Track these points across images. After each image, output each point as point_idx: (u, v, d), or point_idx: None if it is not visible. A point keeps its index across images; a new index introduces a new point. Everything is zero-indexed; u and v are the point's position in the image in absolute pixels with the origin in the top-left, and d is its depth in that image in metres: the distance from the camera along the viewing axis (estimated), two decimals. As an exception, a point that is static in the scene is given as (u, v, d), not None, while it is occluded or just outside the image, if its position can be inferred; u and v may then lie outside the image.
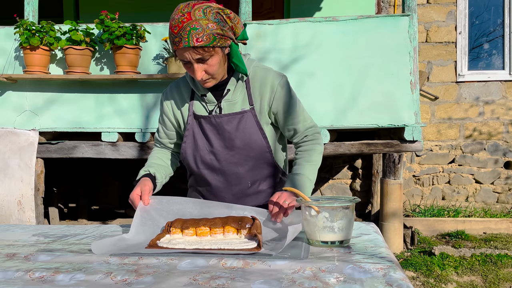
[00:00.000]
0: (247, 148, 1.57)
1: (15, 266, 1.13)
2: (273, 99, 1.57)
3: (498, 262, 3.79)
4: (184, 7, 1.39)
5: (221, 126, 1.56)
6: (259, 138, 1.57)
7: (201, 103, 1.59)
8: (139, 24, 3.85)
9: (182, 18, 1.36)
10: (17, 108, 4.10)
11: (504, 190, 5.56)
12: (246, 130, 1.56)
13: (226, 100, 1.56)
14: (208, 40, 1.37)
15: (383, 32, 3.86)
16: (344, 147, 3.99)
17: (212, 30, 1.37)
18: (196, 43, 1.36)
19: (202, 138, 1.60)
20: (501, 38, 5.56)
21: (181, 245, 1.23)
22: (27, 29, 3.77)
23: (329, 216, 1.22)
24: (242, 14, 3.95)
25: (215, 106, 1.57)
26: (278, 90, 1.56)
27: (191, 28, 1.35)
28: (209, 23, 1.36)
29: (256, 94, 1.57)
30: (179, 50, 1.40)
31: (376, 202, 5.19)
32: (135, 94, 4.04)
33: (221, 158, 1.59)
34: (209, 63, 1.42)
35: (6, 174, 4.03)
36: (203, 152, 1.60)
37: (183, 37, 1.36)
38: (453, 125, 5.59)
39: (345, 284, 0.95)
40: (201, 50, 1.38)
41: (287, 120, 1.60)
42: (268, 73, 1.58)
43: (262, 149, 1.58)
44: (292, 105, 1.59)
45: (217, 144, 1.58)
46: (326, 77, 3.90)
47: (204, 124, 1.58)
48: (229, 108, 1.57)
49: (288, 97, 1.58)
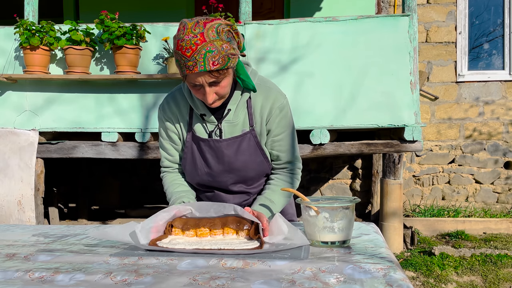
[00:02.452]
0: (246, 170, 1.54)
1: (15, 266, 1.13)
2: (268, 120, 1.51)
3: (498, 262, 3.79)
4: (194, 26, 1.27)
5: (221, 150, 1.51)
6: (259, 158, 1.54)
7: (201, 123, 1.52)
8: (139, 24, 3.85)
9: (194, 39, 1.25)
10: (17, 108, 4.09)
11: (504, 190, 5.56)
12: (246, 152, 1.51)
13: (227, 121, 1.49)
14: (224, 63, 1.29)
15: (383, 32, 3.86)
16: (344, 147, 3.99)
17: (227, 51, 1.28)
18: (213, 66, 1.27)
19: (200, 160, 1.55)
20: (501, 38, 5.56)
21: (181, 245, 1.23)
22: (27, 29, 3.77)
23: (329, 217, 1.22)
24: (242, 14, 3.95)
25: (215, 127, 1.50)
26: (275, 113, 1.50)
27: (207, 51, 1.25)
28: (223, 43, 1.28)
29: (257, 114, 1.50)
30: (193, 74, 1.30)
31: (376, 202, 5.19)
32: (135, 94, 4.04)
33: (220, 180, 1.56)
34: (221, 85, 1.35)
35: (6, 174, 4.03)
36: (201, 172, 1.56)
37: (198, 61, 1.26)
38: (453, 125, 5.59)
39: (345, 284, 0.95)
40: (216, 73, 1.29)
41: (274, 143, 1.54)
42: (271, 93, 1.50)
43: (263, 167, 1.56)
44: (284, 131, 1.53)
45: (216, 167, 1.54)
46: (326, 77, 3.90)
47: (203, 146, 1.53)
48: (229, 129, 1.50)
49: (283, 122, 1.52)
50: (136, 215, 5.27)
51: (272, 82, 1.58)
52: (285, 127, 1.53)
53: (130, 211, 5.46)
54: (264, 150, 1.54)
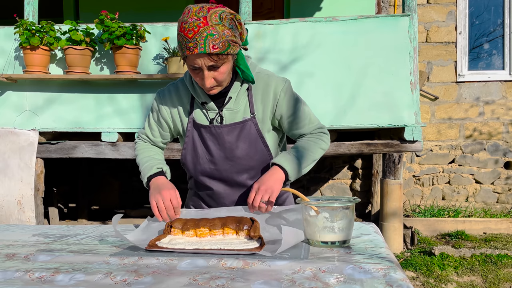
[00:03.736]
0: (247, 158, 1.54)
1: (15, 266, 1.12)
2: (276, 106, 1.53)
3: (498, 262, 3.79)
4: (198, 10, 1.32)
5: (222, 136, 1.52)
6: (260, 147, 1.55)
7: (202, 110, 1.54)
8: (139, 24, 3.85)
9: (197, 22, 1.30)
10: (17, 108, 4.09)
11: (504, 190, 5.55)
12: (247, 139, 1.53)
13: (227, 109, 1.52)
14: (224, 47, 1.32)
15: (383, 32, 3.86)
16: (344, 147, 3.99)
17: (228, 37, 1.32)
18: (213, 49, 1.30)
19: (202, 147, 1.56)
20: (501, 38, 5.56)
21: (181, 245, 1.23)
22: (27, 29, 3.77)
23: (329, 217, 1.22)
24: (242, 14, 3.95)
25: (216, 114, 1.52)
26: (281, 97, 1.52)
27: (208, 34, 1.29)
28: (225, 29, 1.32)
29: (258, 102, 1.53)
30: (192, 55, 1.33)
31: (376, 202, 5.19)
32: (135, 94, 4.04)
33: (221, 168, 1.56)
34: (220, 70, 1.38)
35: (6, 174, 4.03)
36: (202, 161, 1.57)
37: (198, 42, 1.30)
38: (453, 125, 5.59)
39: (345, 284, 0.95)
40: (215, 57, 1.33)
41: (292, 125, 1.57)
42: (271, 80, 1.53)
43: (264, 157, 1.56)
44: (296, 110, 1.55)
45: (217, 154, 1.55)
46: (326, 77, 3.90)
47: (204, 133, 1.54)
48: (230, 116, 1.52)
49: (291, 103, 1.54)
50: (136, 215, 5.27)
51: (272, 72, 1.60)
52: (295, 105, 1.55)
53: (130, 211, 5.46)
54: (265, 138, 1.55)
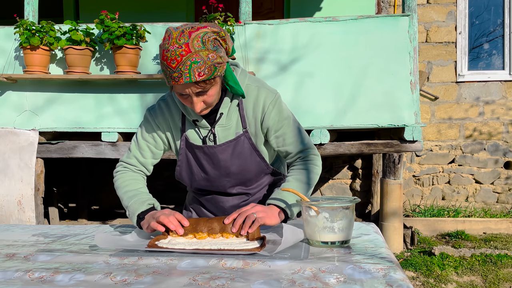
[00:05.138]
0: (243, 173, 1.53)
1: (15, 266, 1.12)
2: (263, 119, 1.47)
3: (498, 262, 3.79)
4: (178, 36, 1.24)
5: (216, 155, 1.49)
6: (256, 160, 1.52)
7: (194, 129, 1.49)
8: (139, 24, 3.85)
9: (179, 50, 1.23)
10: (17, 108, 4.09)
11: (504, 190, 5.55)
12: (241, 156, 1.49)
13: (220, 125, 1.47)
14: (210, 72, 1.27)
15: (383, 32, 3.86)
16: (344, 147, 3.99)
17: (213, 61, 1.26)
18: (199, 77, 1.25)
19: (196, 166, 1.53)
20: (501, 38, 5.56)
21: (180, 245, 1.23)
22: (27, 29, 3.77)
23: (329, 217, 1.22)
24: (242, 14, 3.95)
25: (209, 132, 1.48)
26: (269, 110, 1.46)
27: (192, 62, 1.23)
28: (209, 53, 1.25)
29: (250, 115, 1.47)
30: (179, 85, 1.28)
31: (376, 202, 5.19)
32: (135, 94, 4.04)
33: (217, 184, 1.55)
34: (209, 93, 1.33)
35: (6, 174, 4.03)
36: (198, 178, 1.55)
37: (183, 72, 1.24)
38: (453, 125, 5.59)
39: (345, 284, 0.95)
40: (202, 83, 1.28)
41: (279, 141, 1.50)
42: (261, 92, 1.47)
43: (260, 168, 1.54)
44: (284, 126, 1.48)
45: (212, 172, 1.52)
46: (326, 77, 3.90)
47: (198, 153, 1.51)
48: (223, 133, 1.48)
49: (279, 116, 1.47)
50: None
51: (263, 81, 1.54)
52: (283, 120, 1.48)
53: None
54: (260, 151, 1.52)
